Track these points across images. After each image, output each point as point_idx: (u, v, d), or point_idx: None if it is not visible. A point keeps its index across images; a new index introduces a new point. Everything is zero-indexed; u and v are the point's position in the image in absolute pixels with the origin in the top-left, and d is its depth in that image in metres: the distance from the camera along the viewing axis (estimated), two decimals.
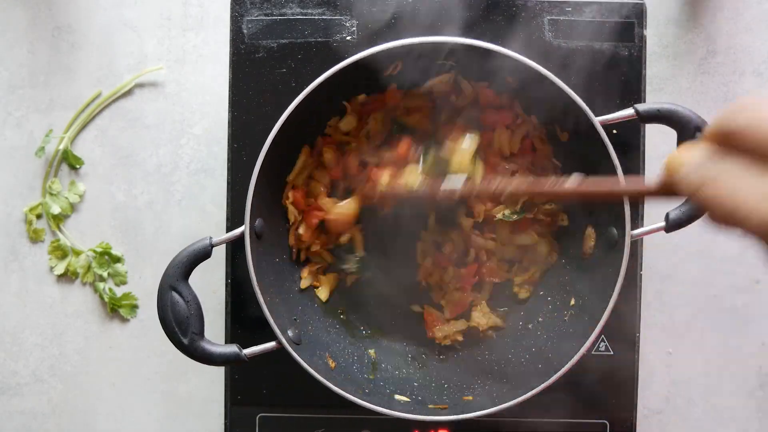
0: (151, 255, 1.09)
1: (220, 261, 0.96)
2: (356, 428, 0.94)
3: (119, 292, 1.09)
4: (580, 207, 0.94)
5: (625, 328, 0.94)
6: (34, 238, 1.09)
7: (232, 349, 0.82)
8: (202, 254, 0.83)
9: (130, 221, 1.09)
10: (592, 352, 0.93)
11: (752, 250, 1.06)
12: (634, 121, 0.85)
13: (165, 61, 1.09)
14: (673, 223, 0.83)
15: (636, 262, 0.93)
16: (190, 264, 0.82)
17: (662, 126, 0.84)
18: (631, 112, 0.84)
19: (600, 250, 0.92)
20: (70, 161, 1.08)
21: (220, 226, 1.00)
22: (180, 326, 0.80)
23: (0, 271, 1.10)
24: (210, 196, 1.08)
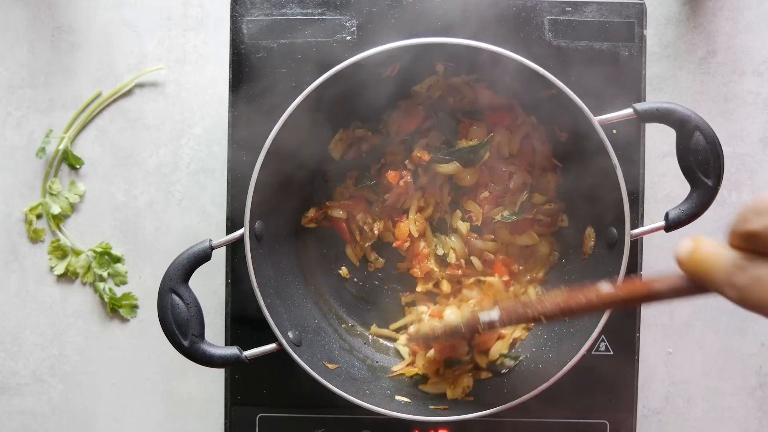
0: (151, 255, 1.09)
1: (220, 261, 0.96)
2: (356, 428, 0.94)
3: (119, 292, 1.09)
4: (579, 207, 0.94)
5: (625, 328, 0.94)
6: (34, 238, 1.09)
7: (233, 351, 0.82)
8: (202, 257, 0.83)
9: (130, 221, 1.09)
10: (592, 352, 0.93)
11: None
12: (634, 121, 0.85)
13: (165, 61, 1.09)
14: (673, 223, 0.83)
15: (636, 262, 0.93)
16: (190, 266, 0.82)
17: (662, 125, 0.84)
18: (630, 111, 0.84)
19: (600, 250, 0.92)
20: (70, 161, 1.08)
21: (220, 227, 1.00)
22: (180, 329, 0.80)
23: (0, 271, 1.10)
24: (210, 196, 1.08)
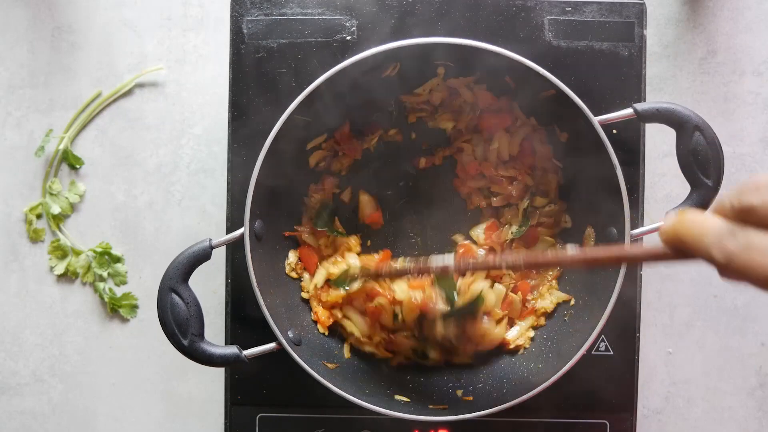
0: (151, 255, 1.09)
1: (220, 261, 0.96)
2: (356, 428, 0.94)
3: (119, 292, 1.09)
4: (579, 207, 0.94)
5: (625, 328, 0.94)
6: (34, 238, 1.09)
7: (232, 350, 0.82)
8: (202, 256, 0.83)
9: (130, 221, 1.09)
10: (592, 352, 0.93)
11: None
12: (634, 121, 0.85)
13: (165, 61, 1.09)
14: None
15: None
16: (189, 266, 0.82)
17: (662, 125, 0.84)
18: (630, 111, 0.84)
19: None
20: (70, 161, 1.08)
21: (220, 227, 1.00)
22: (180, 328, 0.80)
23: (0, 271, 1.10)
24: (210, 196, 1.08)
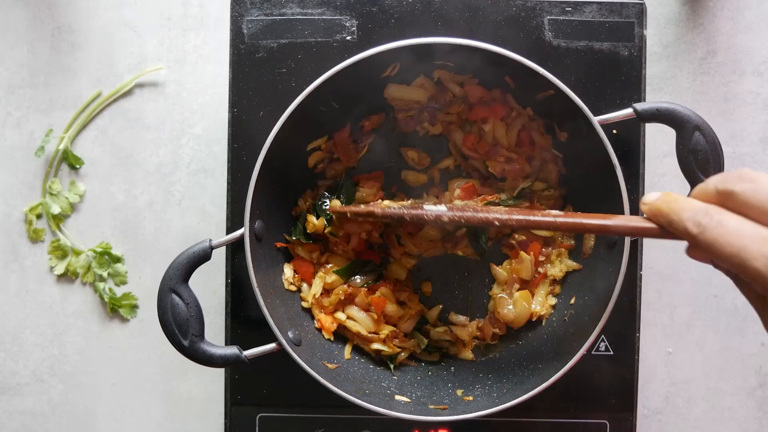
0: (151, 255, 1.09)
1: (220, 261, 0.96)
2: (356, 428, 0.94)
3: (119, 292, 1.09)
4: (579, 206, 0.94)
5: (625, 328, 0.94)
6: (34, 238, 1.09)
7: (233, 350, 0.82)
8: (202, 256, 0.83)
9: (130, 221, 1.09)
10: (592, 352, 0.93)
11: None
12: (634, 121, 0.85)
13: (165, 61, 1.09)
14: None
15: (636, 262, 0.93)
16: (189, 266, 0.82)
17: (662, 125, 0.84)
18: (630, 111, 0.84)
19: (600, 250, 0.92)
20: (70, 161, 1.08)
21: (220, 227, 1.00)
22: (180, 328, 0.80)
23: (0, 271, 1.10)
24: (210, 196, 1.08)
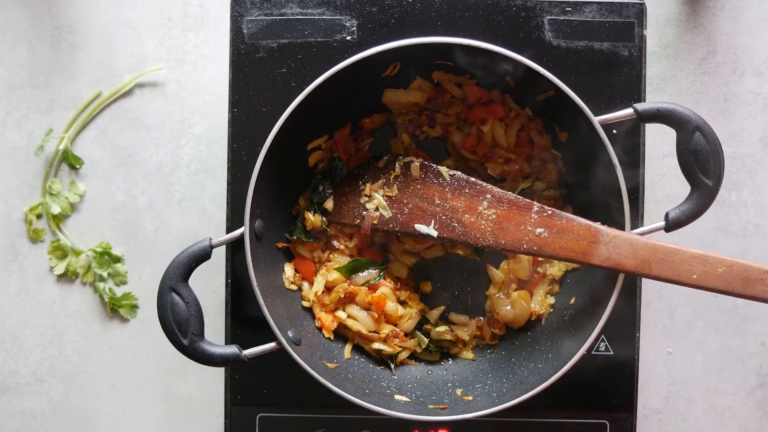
0: (151, 255, 1.09)
1: (220, 261, 0.96)
2: (356, 428, 0.94)
3: (119, 292, 1.09)
4: (579, 206, 0.94)
5: (625, 328, 0.94)
6: (34, 238, 1.09)
7: (232, 349, 0.82)
8: (202, 255, 0.83)
9: (130, 221, 1.09)
10: (592, 352, 0.93)
11: (751, 250, 1.06)
12: (634, 121, 0.85)
13: (165, 61, 1.09)
14: (673, 223, 0.83)
15: None
16: (189, 265, 0.82)
17: (662, 125, 0.84)
18: (630, 111, 0.84)
19: None
20: (70, 161, 1.08)
21: (220, 226, 1.00)
22: (180, 327, 0.80)
23: (0, 271, 1.10)
24: (210, 196, 1.08)
